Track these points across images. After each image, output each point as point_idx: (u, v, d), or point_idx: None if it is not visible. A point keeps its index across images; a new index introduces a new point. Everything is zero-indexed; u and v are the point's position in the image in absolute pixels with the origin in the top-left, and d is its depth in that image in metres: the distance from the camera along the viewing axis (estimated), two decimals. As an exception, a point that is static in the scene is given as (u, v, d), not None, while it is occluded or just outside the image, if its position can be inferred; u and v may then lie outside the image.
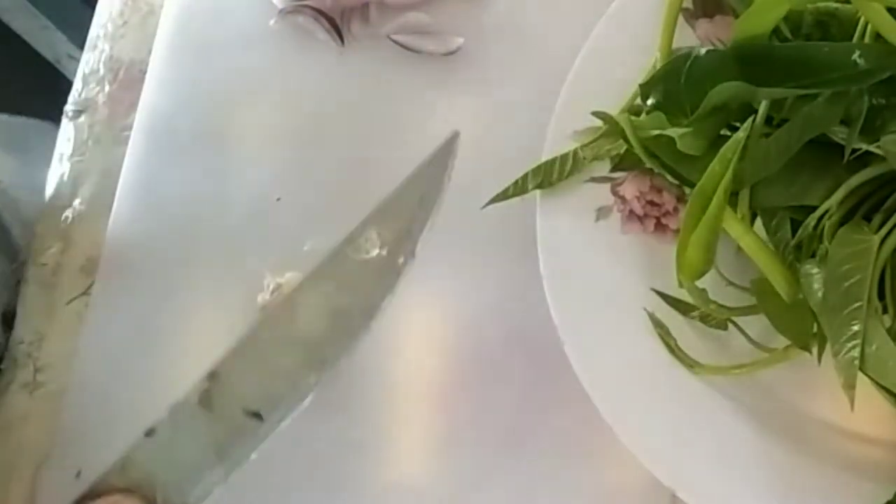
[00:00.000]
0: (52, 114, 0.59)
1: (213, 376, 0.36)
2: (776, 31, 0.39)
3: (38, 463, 0.49)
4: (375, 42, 0.55)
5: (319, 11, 0.55)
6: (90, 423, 0.50)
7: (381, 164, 0.53)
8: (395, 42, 0.54)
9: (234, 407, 0.36)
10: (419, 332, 0.50)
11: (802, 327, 0.40)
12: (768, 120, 0.39)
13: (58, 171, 0.56)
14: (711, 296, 0.42)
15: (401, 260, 0.38)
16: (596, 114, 0.43)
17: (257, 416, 0.36)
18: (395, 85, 0.54)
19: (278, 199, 0.53)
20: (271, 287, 0.48)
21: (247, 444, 0.36)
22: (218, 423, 0.36)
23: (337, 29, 0.55)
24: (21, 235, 0.57)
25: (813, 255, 0.40)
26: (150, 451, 0.36)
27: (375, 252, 0.37)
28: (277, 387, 0.36)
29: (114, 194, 0.54)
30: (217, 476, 0.36)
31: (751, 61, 0.37)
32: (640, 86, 0.40)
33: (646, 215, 0.44)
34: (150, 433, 0.36)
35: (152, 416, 0.49)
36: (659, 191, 0.43)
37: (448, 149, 0.39)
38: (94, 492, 0.35)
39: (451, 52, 0.54)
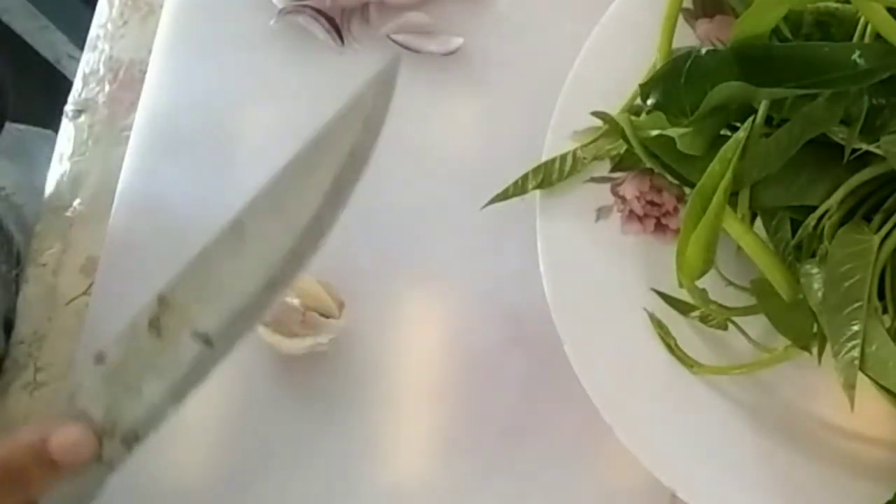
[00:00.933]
0: (53, 114, 0.59)
1: (162, 301, 0.34)
2: (776, 31, 0.39)
3: (38, 463, 0.49)
4: (375, 42, 0.55)
5: (319, 11, 0.55)
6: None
7: (381, 163, 0.52)
8: (395, 42, 0.54)
9: (183, 332, 0.34)
10: (418, 332, 0.50)
11: (802, 327, 0.40)
12: (768, 120, 0.39)
13: (58, 171, 0.56)
14: (711, 296, 0.42)
15: (349, 183, 0.36)
16: (596, 114, 0.43)
17: (207, 340, 0.34)
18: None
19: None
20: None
21: (196, 371, 0.34)
22: (167, 349, 0.34)
23: (337, 29, 0.55)
24: (23, 242, 0.57)
25: (813, 255, 0.40)
26: (98, 377, 0.34)
27: (322, 177, 0.35)
28: (227, 310, 0.34)
29: (114, 194, 0.54)
30: (166, 404, 0.34)
31: (751, 61, 0.37)
32: (640, 86, 0.40)
33: (646, 215, 0.44)
34: (99, 359, 0.34)
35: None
36: (659, 191, 0.43)
37: (391, 72, 0.38)
38: (45, 421, 0.34)
39: (451, 52, 0.54)
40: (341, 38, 0.55)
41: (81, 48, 0.59)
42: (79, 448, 0.34)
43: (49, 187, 0.56)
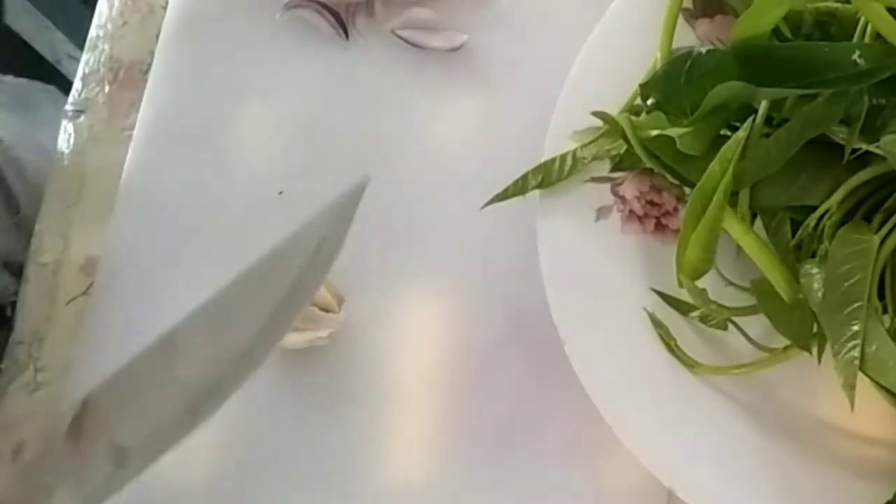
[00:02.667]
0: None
1: (85, 404, 0.33)
2: (776, 31, 0.39)
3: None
4: (380, 37, 0.55)
5: (324, 6, 0.55)
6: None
7: (384, 158, 0.53)
8: (400, 37, 0.54)
9: (101, 441, 0.33)
10: (418, 330, 0.50)
11: (802, 327, 0.40)
12: (768, 120, 0.39)
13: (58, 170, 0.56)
14: (711, 296, 0.42)
15: (288, 314, 0.33)
16: (596, 114, 0.43)
17: (123, 454, 0.32)
18: (398, 80, 0.54)
19: (281, 193, 0.53)
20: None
21: (108, 486, 0.33)
22: (83, 456, 0.33)
23: (342, 23, 0.55)
24: (23, 192, 0.57)
25: (813, 255, 0.40)
26: (16, 472, 0.33)
27: (262, 306, 0.33)
28: (146, 428, 0.32)
29: (114, 194, 0.54)
30: None
31: (751, 61, 0.37)
32: (640, 86, 0.40)
33: (646, 215, 0.44)
34: (17, 452, 0.34)
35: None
36: (659, 191, 0.43)
37: (353, 198, 0.35)
38: None
39: (455, 49, 0.54)
40: (346, 33, 0.55)
41: (81, 48, 0.59)
42: None
43: (49, 187, 0.56)
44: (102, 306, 0.52)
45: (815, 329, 0.39)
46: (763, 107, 0.39)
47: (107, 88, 0.58)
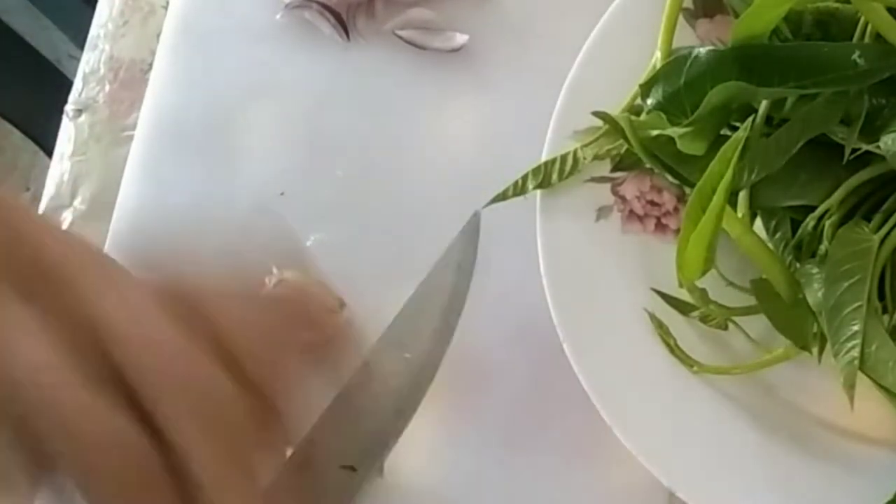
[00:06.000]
0: (53, 114, 0.59)
1: (309, 442, 0.37)
2: (776, 31, 0.39)
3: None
4: (380, 38, 0.55)
5: (325, 6, 0.55)
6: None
7: (384, 158, 0.53)
8: (400, 38, 0.55)
9: (330, 465, 0.37)
10: (419, 332, 0.50)
11: (802, 327, 0.40)
12: (768, 120, 0.39)
13: (58, 170, 0.56)
14: (711, 296, 0.42)
15: (453, 319, 0.42)
16: (596, 114, 0.43)
17: (351, 469, 0.37)
18: (399, 81, 0.54)
19: (282, 194, 0.53)
20: (273, 282, 0.48)
21: (343, 495, 0.37)
22: (315, 481, 0.37)
23: (342, 24, 0.55)
24: None
25: (813, 255, 0.40)
26: None
27: (431, 317, 0.42)
28: (366, 439, 0.38)
29: (114, 194, 0.54)
30: None
31: (751, 61, 0.37)
32: (640, 86, 0.40)
33: (646, 215, 0.44)
34: None
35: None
36: (659, 191, 0.43)
37: (474, 224, 0.45)
38: None
39: (456, 49, 0.54)
40: (347, 33, 0.55)
41: (82, 48, 0.59)
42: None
43: (49, 187, 0.56)
44: (102, 306, 0.52)
45: (815, 329, 0.39)
46: (763, 107, 0.39)
47: (107, 88, 0.58)
